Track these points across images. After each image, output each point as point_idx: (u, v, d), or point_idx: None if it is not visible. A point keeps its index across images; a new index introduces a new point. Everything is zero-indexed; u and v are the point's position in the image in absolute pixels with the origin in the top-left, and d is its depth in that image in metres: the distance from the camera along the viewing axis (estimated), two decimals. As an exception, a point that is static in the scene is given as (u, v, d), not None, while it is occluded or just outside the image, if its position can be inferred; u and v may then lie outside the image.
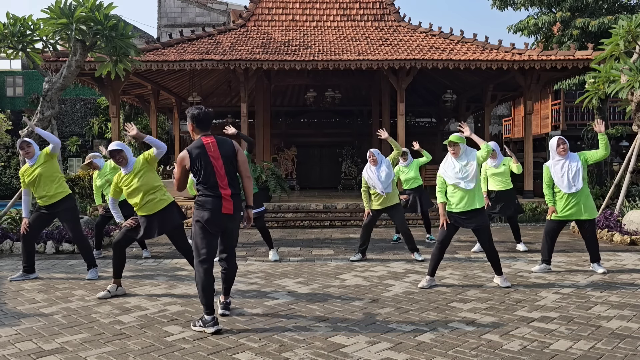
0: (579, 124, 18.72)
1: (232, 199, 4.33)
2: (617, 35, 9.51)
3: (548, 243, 6.41)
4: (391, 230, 10.41)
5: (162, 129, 24.22)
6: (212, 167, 4.30)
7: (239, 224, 4.58)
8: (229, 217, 4.35)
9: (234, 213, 4.36)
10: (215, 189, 4.29)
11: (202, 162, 4.30)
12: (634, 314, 4.60)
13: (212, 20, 27.74)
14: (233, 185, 4.36)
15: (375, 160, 7.19)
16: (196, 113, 4.39)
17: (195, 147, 4.34)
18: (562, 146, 6.24)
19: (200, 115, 4.39)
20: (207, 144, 4.35)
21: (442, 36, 13.85)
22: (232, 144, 4.44)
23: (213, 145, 4.35)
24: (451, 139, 5.58)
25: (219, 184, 4.30)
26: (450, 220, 5.65)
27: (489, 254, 5.65)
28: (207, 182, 4.30)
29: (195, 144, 4.38)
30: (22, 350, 3.82)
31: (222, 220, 4.32)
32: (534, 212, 12.15)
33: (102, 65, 9.21)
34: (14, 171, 22.82)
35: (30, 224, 6.17)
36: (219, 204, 4.28)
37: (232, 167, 4.39)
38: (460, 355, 3.68)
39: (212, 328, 4.17)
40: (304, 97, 17.29)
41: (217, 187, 4.29)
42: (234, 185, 4.38)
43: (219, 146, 4.37)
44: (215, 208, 4.28)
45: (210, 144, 4.35)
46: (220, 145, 4.37)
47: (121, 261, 5.38)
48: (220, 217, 4.30)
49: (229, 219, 4.36)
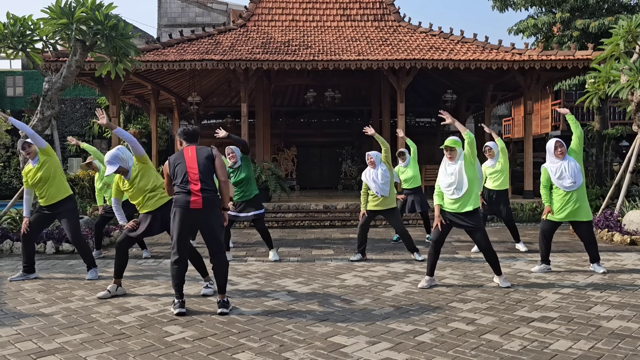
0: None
1: (201, 193, 4.57)
2: (617, 35, 9.51)
3: (544, 243, 6.42)
4: (391, 230, 10.41)
5: (162, 129, 24.21)
6: (185, 166, 4.66)
7: (216, 220, 4.71)
8: (198, 211, 4.60)
9: (203, 208, 4.58)
10: (186, 185, 4.60)
11: (178, 164, 4.70)
12: (634, 314, 4.60)
13: (212, 20, 27.73)
14: (205, 182, 4.62)
15: (373, 163, 7.23)
16: (184, 129, 4.94)
17: (175, 155, 4.83)
18: (559, 149, 6.23)
19: (187, 131, 4.93)
20: (186, 149, 4.79)
21: (442, 36, 13.86)
22: (209, 151, 4.78)
23: (191, 150, 4.76)
24: (447, 143, 5.56)
25: (190, 180, 4.60)
26: (444, 220, 5.64)
27: (487, 254, 5.65)
28: (180, 180, 4.65)
29: (177, 152, 4.84)
30: (22, 350, 3.82)
31: (190, 214, 4.60)
32: (534, 212, 12.15)
33: (102, 65, 9.21)
34: (14, 171, 22.83)
35: (31, 223, 6.17)
36: (187, 199, 4.58)
37: (207, 169, 4.69)
38: (460, 355, 3.68)
39: (175, 310, 4.64)
40: (304, 97, 17.28)
41: (187, 183, 4.60)
42: (207, 182, 4.64)
43: (197, 151, 4.75)
44: (183, 203, 4.58)
45: (189, 149, 4.78)
46: (198, 150, 4.76)
47: (123, 261, 5.39)
48: (188, 212, 4.59)
49: (198, 213, 4.60)
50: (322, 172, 19.53)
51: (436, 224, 5.65)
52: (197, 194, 4.57)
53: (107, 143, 25.10)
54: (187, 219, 4.62)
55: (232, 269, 6.80)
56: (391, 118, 16.10)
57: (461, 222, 5.55)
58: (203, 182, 4.60)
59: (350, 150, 19.05)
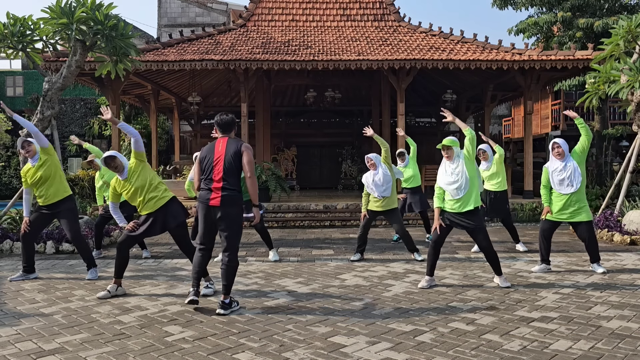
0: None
1: (221, 192, 4.65)
2: (617, 35, 9.52)
3: (544, 243, 6.42)
4: (391, 231, 10.41)
5: (162, 129, 24.21)
6: (212, 163, 4.73)
7: (233, 220, 4.73)
8: (217, 209, 4.67)
9: (221, 206, 4.65)
10: (209, 183, 4.72)
11: (208, 158, 4.78)
12: (634, 314, 4.60)
13: (212, 20, 27.74)
14: (227, 181, 4.67)
15: (374, 165, 7.22)
16: (218, 118, 4.94)
17: (208, 147, 4.88)
18: (556, 150, 6.26)
19: (221, 121, 4.91)
20: (218, 142, 4.82)
21: (442, 36, 13.85)
22: (239, 146, 4.75)
23: (222, 145, 4.78)
24: (444, 142, 5.56)
25: (213, 178, 4.70)
26: (444, 222, 5.63)
27: (487, 254, 5.64)
28: (205, 177, 4.76)
29: (210, 143, 4.89)
30: (22, 350, 3.82)
31: (210, 211, 4.70)
32: (533, 212, 12.15)
33: (102, 65, 9.21)
34: (14, 171, 22.81)
35: (31, 223, 6.17)
36: (208, 196, 4.69)
37: (232, 166, 4.68)
38: (460, 355, 3.68)
39: (188, 297, 4.78)
40: (304, 97, 17.28)
41: (210, 181, 4.71)
42: (230, 182, 4.68)
43: (227, 146, 4.75)
44: (204, 199, 4.71)
45: (220, 143, 4.80)
46: (228, 145, 4.76)
47: (124, 261, 5.38)
48: (208, 208, 4.69)
49: (216, 211, 4.67)
50: (322, 172, 19.53)
51: (435, 227, 5.64)
52: (217, 192, 4.66)
53: (107, 143, 25.09)
54: (208, 214, 4.74)
55: (232, 269, 6.79)
56: (391, 118, 16.09)
57: (462, 223, 5.54)
58: (225, 181, 4.66)
59: (350, 150, 19.04)
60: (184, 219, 5.37)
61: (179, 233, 5.37)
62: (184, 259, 7.28)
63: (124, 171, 5.30)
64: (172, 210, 5.30)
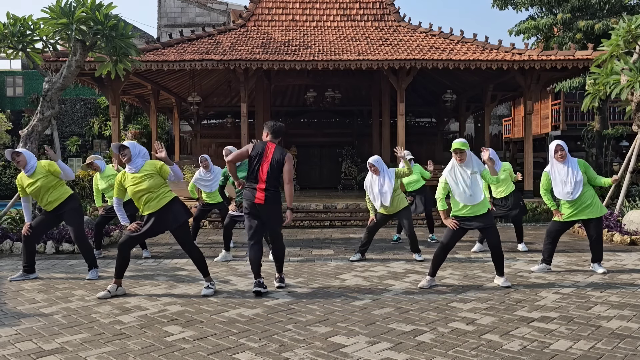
0: (579, 124, 18.73)
1: (264, 192, 5.32)
2: (617, 35, 9.52)
3: (550, 244, 6.37)
4: (391, 231, 10.41)
5: (162, 129, 24.22)
6: (260, 166, 5.36)
7: (275, 213, 5.46)
8: (261, 206, 5.34)
9: (265, 203, 5.33)
10: (254, 183, 5.38)
11: (257, 160, 5.39)
12: (634, 314, 4.60)
13: (212, 20, 27.74)
14: (269, 183, 5.35)
15: (377, 170, 6.96)
16: (272, 125, 5.57)
17: (260, 145, 5.49)
18: (559, 152, 6.15)
19: (274, 128, 5.56)
20: (268, 147, 5.44)
21: (442, 36, 13.85)
22: (283, 155, 5.41)
23: (271, 151, 5.42)
24: (456, 146, 5.43)
25: (258, 179, 5.36)
26: (457, 224, 5.59)
27: (496, 252, 5.62)
28: (252, 177, 5.40)
29: (262, 143, 5.51)
30: (22, 350, 3.82)
31: (255, 207, 5.36)
32: (533, 212, 12.15)
33: (102, 65, 9.21)
34: (14, 171, 22.81)
35: (35, 226, 6.15)
36: (253, 194, 5.35)
37: (275, 172, 5.37)
38: (460, 355, 3.68)
39: (255, 288, 5.37)
40: (304, 97, 17.28)
41: (255, 182, 5.37)
42: (271, 184, 5.36)
43: (274, 153, 5.41)
44: (250, 197, 5.37)
45: (269, 149, 5.43)
46: (275, 152, 5.41)
47: (125, 262, 5.37)
48: (253, 205, 5.36)
49: (261, 207, 5.35)
50: (322, 172, 19.52)
51: (451, 226, 5.58)
52: (261, 192, 5.32)
53: (107, 143, 25.10)
54: (253, 210, 5.38)
55: (232, 269, 6.80)
56: (391, 118, 16.09)
57: (474, 222, 5.54)
58: (267, 183, 5.34)
59: (350, 150, 19.02)
60: (185, 219, 5.36)
61: (181, 233, 5.36)
62: (184, 259, 7.28)
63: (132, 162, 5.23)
64: (174, 211, 5.29)
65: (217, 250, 8.20)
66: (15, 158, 6.09)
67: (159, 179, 5.29)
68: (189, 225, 5.50)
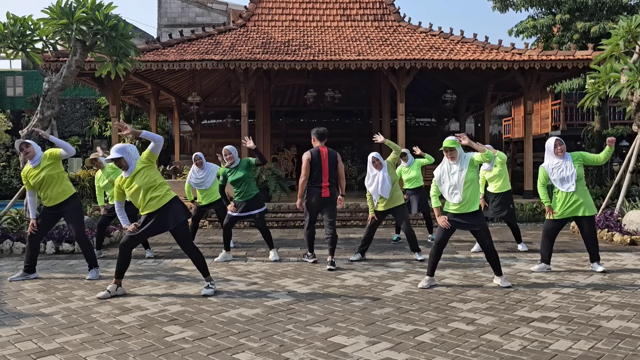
0: (579, 124, 18.72)
1: (329, 188, 6.85)
2: (617, 35, 9.52)
3: (547, 243, 6.40)
4: (391, 230, 10.41)
5: (162, 129, 24.21)
6: (321, 167, 6.81)
7: (334, 204, 6.91)
8: (326, 199, 6.86)
9: (330, 196, 6.86)
10: (319, 183, 6.82)
11: (318, 163, 6.83)
12: (634, 314, 4.60)
13: (212, 20, 27.74)
14: (330, 180, 6.86)
15: (380, 165, 7.12)
16: (317, 130, 7.00)
17: (315, 151, 6.89)
18: (559, 147, 6.23)
19: (319, 132, 6.98)
20: (321, 151, 6.86)
21: (442, 36, 13.85)
22: (336, 157, 6.93)
23: (324, 153, 6.87)
24: (446, 144, 5.48)
25: (322, 179, 6.82)
26: (448, 222, 5.61)
27: (489, 253, 5.64)
28: (316, 177, 6.82)
29: (315, 149, 6.91)
30: (22, 350, 3.82)
31: (321, 200, 6.85)
32: (534, 212, 12.15)
33: (102, 65, 9.21)
34: (14, 171, 22.82)
35: (38, 225, 6.16)
36: (319, 191, 6.84)
37: (332, 171, 6.86)
38: (460, 355, 3.68)
39: (310, 260, 7.16)
40: (304, 97, 17.28)
41: (320, 182, 6.82)
42: (331, 180, 6.87)
43: (328, 154, 6.89)
44: (317, 192, 6.84)
45: (323, 152, 6.87)
46: (329, 155, 6.89)
47: (126, 262, 5.37)
48: (320, 198, 6.85)
49: (326, 200, 6.87)
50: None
51: (442, 225, 5.60)
52: (326, 188, 6.83)
53: (107, 143, 25.09)
54: (318, 202, 6.86)
55: (232, 269, 6.80)
56: (391, 118, 16.09)
57: (465, 223, 5.55)
58: (329, 180, 6.84)
59: (350, 150, 19.02)
60: (185, 219, 5.35)
61: (180, 233, 5.36)
62: (184, 259, 7.29)
63: (128, 170, 5.25)
64: (174, 210, 5.28)
65: (217, 250, 8.20)
66: (25, 149, 6.10)
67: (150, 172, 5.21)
68: (188, 225, 5.49)
